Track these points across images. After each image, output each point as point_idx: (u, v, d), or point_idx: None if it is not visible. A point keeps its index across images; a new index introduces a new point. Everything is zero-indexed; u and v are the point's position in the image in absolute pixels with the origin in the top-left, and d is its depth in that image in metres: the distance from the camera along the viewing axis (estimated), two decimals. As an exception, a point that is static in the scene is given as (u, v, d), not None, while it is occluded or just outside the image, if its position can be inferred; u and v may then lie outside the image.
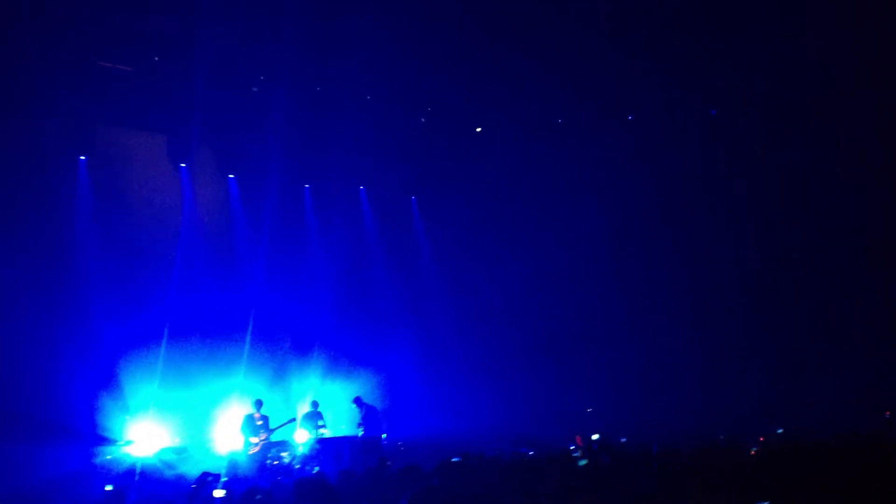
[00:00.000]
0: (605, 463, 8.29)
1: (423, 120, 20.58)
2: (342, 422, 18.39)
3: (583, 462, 8.27)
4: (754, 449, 9.83)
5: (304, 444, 15.94)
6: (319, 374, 19.13)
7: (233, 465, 14.40)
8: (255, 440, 15.07)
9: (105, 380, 16.07)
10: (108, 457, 14.39)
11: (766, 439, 12.88)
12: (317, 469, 14.56)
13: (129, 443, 15.47)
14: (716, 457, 7.81)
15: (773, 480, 5.92)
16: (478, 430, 17.54)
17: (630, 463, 8.39)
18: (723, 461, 7.44)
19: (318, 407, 16.94)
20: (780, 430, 14.43)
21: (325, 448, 15.82)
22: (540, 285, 20.80)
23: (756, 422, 15.47)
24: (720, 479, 6.25)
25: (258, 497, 6.31)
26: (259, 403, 15.69)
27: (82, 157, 16.85)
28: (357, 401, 17.23)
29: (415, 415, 19.47)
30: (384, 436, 16.76)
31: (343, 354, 19.41)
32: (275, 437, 15.53)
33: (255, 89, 18.21)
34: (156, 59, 16.73)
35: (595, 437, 12.29)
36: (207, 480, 7.63)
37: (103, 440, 15.24)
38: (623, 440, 13.52)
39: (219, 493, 6.74)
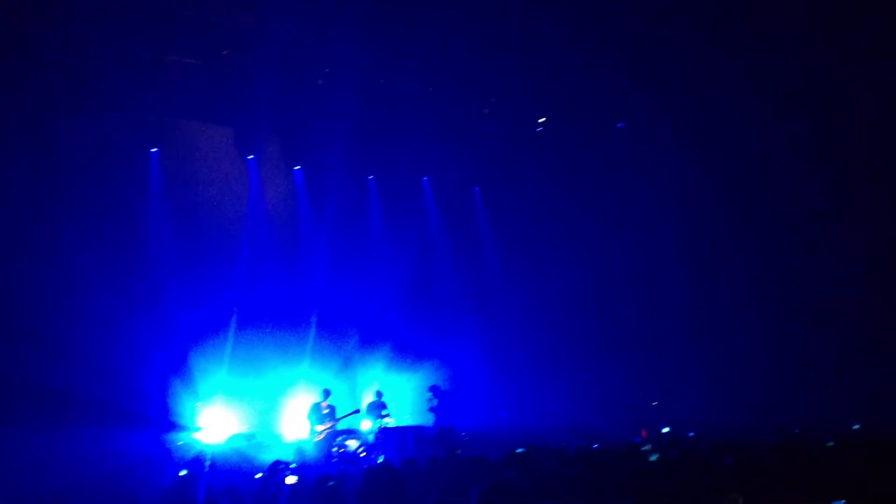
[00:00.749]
0: (675, 457, 8.18)
1: (486, 110, 20.50)
2: (406, 411, 18.52)
3: (653, 457, 8.15)
4: (831, 443, 9.54)
5: (368, 433, 16.09)
6: (384, 363, 19.27)
7: (300, 453, 14.61)
8: (320, 428, 15.27)
9: (176, 367, 16.43)
10: (180, 443, 14.71)
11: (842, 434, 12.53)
12: (382, 458, 14.68)
13: (199, 429, 15.80)
14: (791, 451, 7.65)
15: (852, 476, 5.79)
16: (542, 422, 17.48)
17: (701, 457, 8.27)
18: (799, 455, 7.29)
19: (382, 397, 17.09)
20: (855, 427, 14.05)
21: (389, 437, 15.95)
22: (606, 276, 20.63)
23: (829, 416, 15.09)
24: (797, 474, 6.13)
25: (330, 483, 6.37)
26: (327, 393, 15.90)
27: (154, 150, 17.25)
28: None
29: (479, 406, 19.50)
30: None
31: (407, 345, 19.52)
32: (340, 426, 15.71)
33: (320, 82, 18.36)
34: (224, 52, 16.97)
35: (665, 430, 12.11)
36: (279, 468, 7.74)
37: (174, 426, 15.59)
38: (691, 434, 13.31)
39: (291, 479, 6.84)
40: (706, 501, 5.48)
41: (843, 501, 5.15)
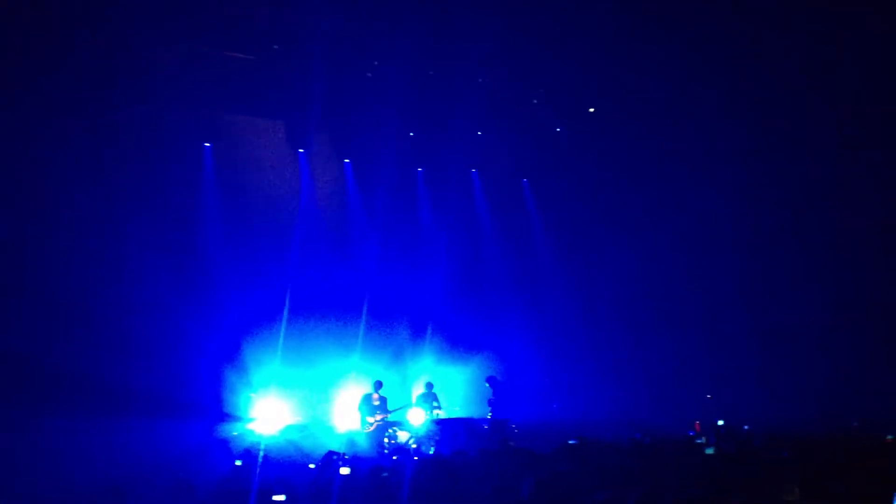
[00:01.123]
0: (731, 450, 8.07)
1: (534, 101, 20.37)
2: (456, 403, 18.55)
3: (709, 450, 8.05)
4: (891, 436, 9.31)
5: (419, 425, 16.14)
6: (434, 355, 19.32)
7: (352, 444, 14.71)
8: (371, 420, 15.36)
9: (230, 358, 16.66)
10: (234, 433, 14.90)
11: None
12: (433, 450, 14.73)
13: (253, 420, 16.00)
14: (849, 444, 7.51)
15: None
16: (594, 415, 17.37)
17: (757, 451, 8.16)
18: (857, 449, 7.15)
19: (432, 388, 17.13)
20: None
21: (440, 429, 15.98)
22: (656, 268, 20.34)
23: (889, 410, 14.75)
24: (855, 468, 6.02)
25: (384, 475, 6.42)
26: (378, 384, 16.02)
27: (207, 145, 17.52)
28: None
29: (529, 398, 19.43)
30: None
31: (457, 336, 19.53)
32: (391, 418, 15.80)
33: (369, 74, 18.42)
34: (275, 47, 17.11)
35: (720, 422, 11.93)
36: (333, 459, 7.81)
37: (229, 417, 15.82)
38: (746, 428, 13.11)
39: (344, 470, 6.89)
40: (762, 495, 5.39)
41: None
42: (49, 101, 14.34)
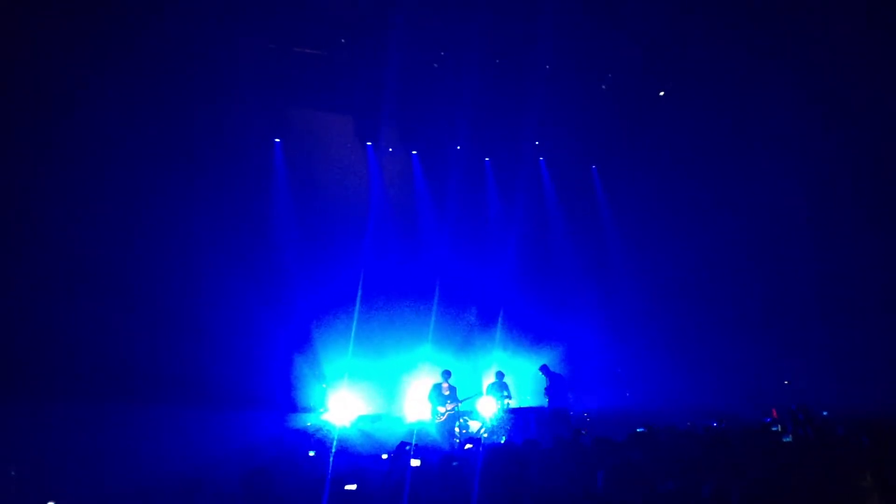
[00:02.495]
0: (810, 437, 7.88)
1: (603, 87, 20.11)
2: (527, 392, 18.49)
3: (787, 438, 7.87)
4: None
5: (490, 415, 16.14)
6: (504, 344, 19.30)
7: (422, 434, 14.79)
8: (442, 409, 15.42)
9: (302, 350, 16.89)
10: (308, 424, 15.11)
11: None
12: (504, 439, 14.71)
13: (326, 410, 16.21)
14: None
15: None
16: (667, 403, 17.14)
17: (836, 437, 7.95)
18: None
19: (503, 377, 17.11)
20: None
21: (512, 418, 15.95)
22: (728, 256, 19.95)
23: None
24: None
25: (455, 464, 6.43)
26: (447, 374, 16.03)
27: (277, 140, 17.82)
28: (543, 369, 17.27)
29: (600, 386, 19.29)
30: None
31: (527, 325, 19.47)
32: (462, 408, 15.83)
33: (435, 66, 18.43)
34: (342, 41, 17.26)
35: (797, 406, 11.65)
36: (405, 449, 7.85)
37: (302, 408, 16.05)
38: (825, 413, 12.78)
39: (415, 462, 6.93)
40: (838, 481, 5.24)
41: None
42: (124, 100, 14.69)
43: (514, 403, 16.66)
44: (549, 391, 17.03)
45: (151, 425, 12.43)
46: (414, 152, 19.72)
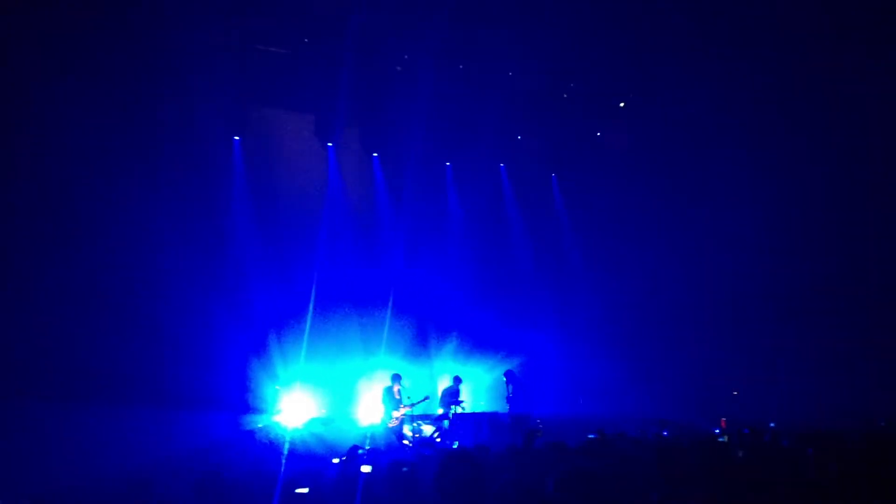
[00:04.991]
0: (754, 448, 8.01)
1: (564, 96, 20.28)
2: (481, 398, 18.56)
3: (736, 451, 8.00)
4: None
5: (443, 419, 16.16)
6: (459, 350, 19.32)
7: (374, 438, 14.76)
8: (396, 413, 15.39)
9: (256, 351, 16.73)
10: (260, 425, 15.00)
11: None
12: (456, 444, 14.74)
13: (278, 412, 16.09)
14: (874, 443, 7.41)
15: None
16: (620, 411, 17.33)
17: (782, 448, 8.10)
18: (882, 448, 7.06)
19: (459, 383, 17.14)
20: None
21: (464, 423, 15.99)
22: (684, 265, 20.23)
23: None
24: (880, 466, 5.95)
25: (404, 469, 6.41)
26: (397, 377, 15.97)
27: (236, 138, 17.64)
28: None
29: (555, 393, 19.42)
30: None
31: (484, 331, 19.51)
32: (415, 411, 15.81)
33: (399, 69, 18.44)
34: (305, 40, 17.19)
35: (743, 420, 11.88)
36: (357, 453, 7.82)
37: (254, 409, 15.91)
38: (772, 425, 13.04)
39: (365, 468, 6.92)
40: (784, 493, 5.36)
41: None
42: (79, 96, 14.47)
43: (466, 408, 16.71)
44: (510, 397, 17.12)
45: (104, 425, 12.26)
46: (375, 154, 19.67)
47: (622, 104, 20.46)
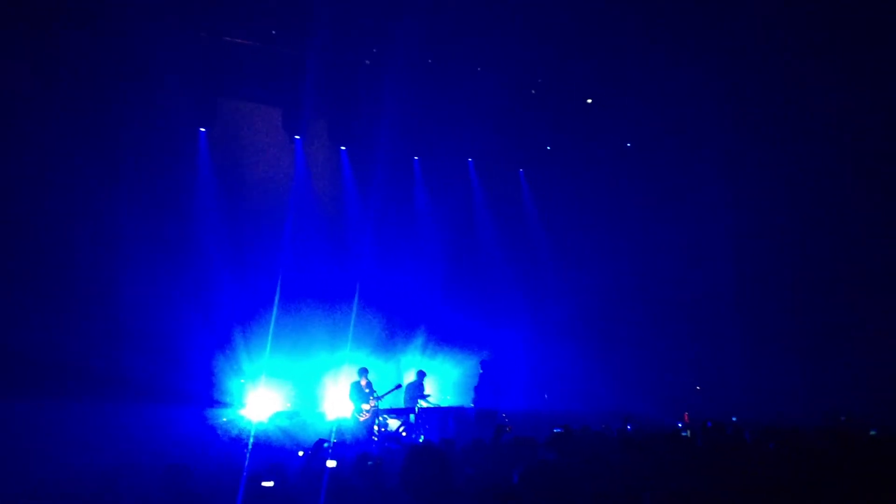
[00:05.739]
0: (716, 442, 8.13)
1: (532, 92, 20.34)
2: (447, 392, 18.60)
3: (697, 443, 8.12)
4: (874, 431, 9.44)
5: (409, 413, 16.19)
6: (426, 344, 19.35)
7: (341, 432, 14.74)
8: (366, 407, 15.37)
9: (221, 345, 16.63)
10: (225, 419, 14.92)
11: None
12: (422, 438, 14.77)
13: (244, 406, 16.02)
14: (834, 438, 7.57)
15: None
16: (587, 406, 17.45)
17: (744, 443, 8.23)
18: (841, 443, 7.21)
19: (423, 378, 17.17)
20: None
21: (430, 417, 16.02)
22: (651, 262, 20.42)
23: (874, 405, 14.87)
24: (839, 460, 6.08)
25: (370, 463, 6.43)
26: (364, 371, 15.94)
27: (202, 130, 17.48)
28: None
29: (522, 388, 19.51)
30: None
31: (451, 326, 19.55)
32: (382, 405, 15.81)
33: (367, 62, 18.39)
34: (273, 32, 17.07)
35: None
36: (323, 446, 7.81)
37: (220, 403, 15.81)
38: (734, 419, 13.22)
39: (331, 463, 6.91)
40: (743, 484, 5.45)
41: None
42: (40, 85, 14.27)
43: (432, 402, 16.75)
44: (477, 389, 17.17)
45: (64, 422, 12.10)
46: (343, 148, 19.61)
47: (589, 100, 20.56)
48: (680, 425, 13.39)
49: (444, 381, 18.95)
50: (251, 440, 12.17)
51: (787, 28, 17.09)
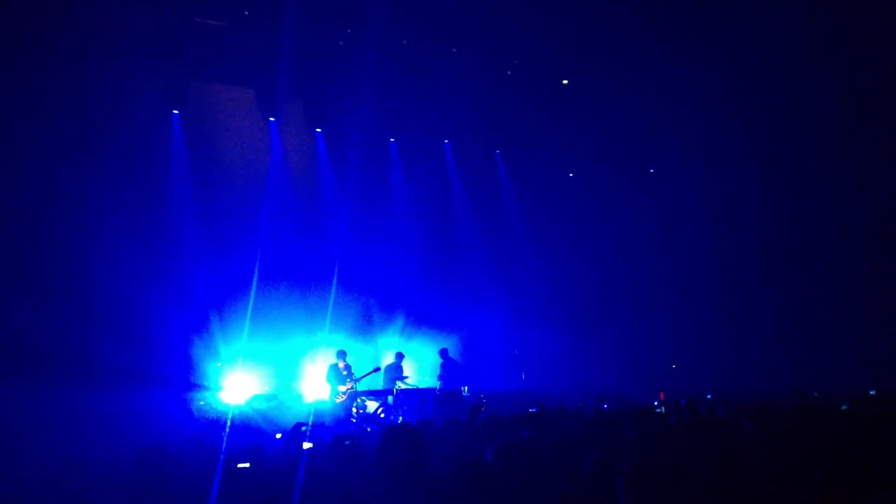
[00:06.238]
0: (690, 420, 8.22)
1: (508, 73, 20.31)
2: (425, 374, 18.65)
3: (671, 420, 8.20)
4: (845, 406, 9.59)
5: (387, 395, 16.21)
6: (403, 327, 19.37)
7: (320, 414, 14.73)
8: (342, 388, 15.38)
9: (197, 328, 16.55)
10: (201, 402, 14.87)
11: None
12: (401, 419, 14.80)
13: (220, 389, 15.97)
14: (806, 413, 7.68)
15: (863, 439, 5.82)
16: (563, 386, 17.57)
17: (719, 420, 8.32)
18: (813, 418, 7.31)
19: (402, 359, 17.19)
20: (872, 392, 14.00)
21: (409, 398, 16.06)
22: (626, 241, 20.53)
23: (847, 381, 15.09)
24: (812, 436, 6.15)
25: (347, 443, 6.44)
26: (342, 354, 15.95)
27: (175, 112, 17.31)
28: (443, 353, 17.51)
29: (499, 369, 19.60)
30: (465, 389, 16.95)
31: (428, 307, 19.58)
32: (360, 387, 15.81)
33: (342, 43, 18.26)
34: (246, 13, 16.91)
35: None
36: (301, 429, 7.81)
37: (196, 386, 15.75)
38: (709, 396, 13.36)
39: (307, 445, 6.91)
40: (719, 464, 5.50)
41: None
42: (10, 67, 14.06)
43: (410, 383, 16.79)
44: (442, 376, 17.36)
45: (39, 407, 11.99)
46: (318, 130, 19.51)
47: (565, 81, 20.55)
48: (656, 403, 13.52)
49: (423, 362, 18.97)
50: (228, 423, 12.13)
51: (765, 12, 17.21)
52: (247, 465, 6.37)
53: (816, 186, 19.00)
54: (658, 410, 9.89)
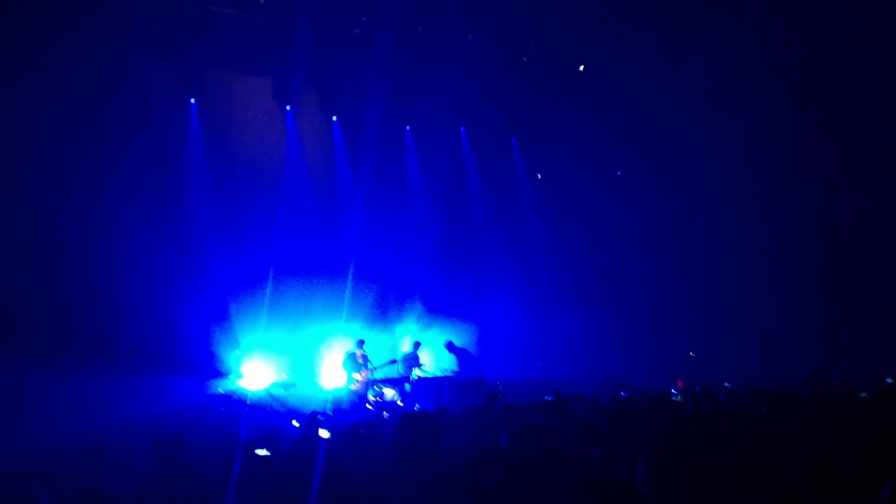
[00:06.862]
0: (707, 407, 8.21)
1: (524, 59, 20.21)
2: (441, 362, 18.69)
3: (688, 408, 8.18)
4: (864, 394, 9.53)
5: (404, 382, 16.28)
6: (419, 315, 19.40)
7: (336, 401, 14.82)
8: (357, 376, 15.46)
9: (217, 316, 16.65)
10: (221, 390, 14.98)
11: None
12: (417, 406, 14.86)
13: (240, 376, 16.08)
14: (824, 401, 7.62)
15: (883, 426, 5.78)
16: (581, 374, 17.54)
17: (736, 407, 8.30)
18: (832, 405, 7.26)
19: (419, 348, 17.24)
20: (889, 380, 13.89)
21: (425, 386, 16.12)
22: (645, 228, 20.42)
23: (863, 369, 14.96)
24: (833, 424, 6.11)
25: (362, 431, 6.46)
26: (361, 342, 16.05)
27: (193, 100, 17.38)
28: (449, 345, 17.53)
29: (516, 357, 19.60)
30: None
31: (444, 295, 19.59)
32: (377, 375, 15.90)
33: (357, 30, 18.22)
34: (261, 1, 16.91)
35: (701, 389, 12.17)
36: (317, 419, 7.84)
37: (216, 374, 15.87)
38: (727, 384, 13.30)
39: (324, 433, 6.94)
40: (737, 451, 5.48)
41: None
42: (32, 57, 14.14)
43: (426, 370, 16.86)
44: (459, 364, 17.44)
45: (60, 391, 12.13)
46: (334, 118, 19.51)
47: (581, 67, 20.42)
48: (674, 391, 13.48)
49: (439, 350, 19.01)
50: (247, 410, 12.22)
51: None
52: (266, 452, 6.41)
53: (828, 168, 18.79)
54: (675, 398, 9.85)
